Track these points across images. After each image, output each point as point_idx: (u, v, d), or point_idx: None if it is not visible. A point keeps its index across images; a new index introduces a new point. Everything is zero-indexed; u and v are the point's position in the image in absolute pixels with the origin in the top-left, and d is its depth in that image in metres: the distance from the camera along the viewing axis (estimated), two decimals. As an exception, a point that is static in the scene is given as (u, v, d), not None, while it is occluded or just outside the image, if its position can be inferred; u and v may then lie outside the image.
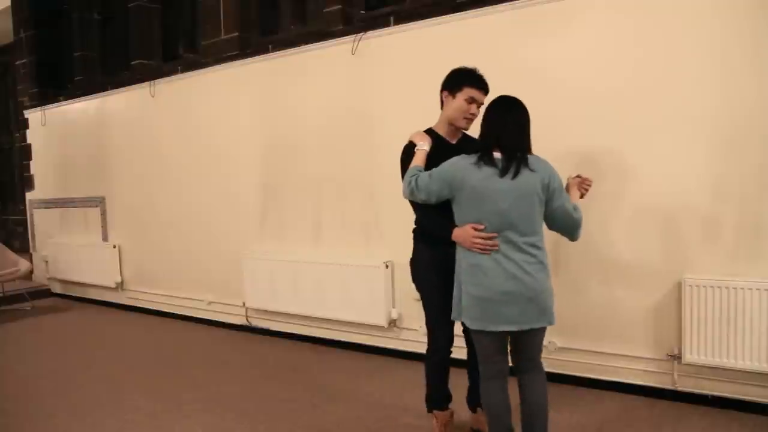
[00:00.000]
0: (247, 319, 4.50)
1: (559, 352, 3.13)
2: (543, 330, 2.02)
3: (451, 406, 2.52)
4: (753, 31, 2.58)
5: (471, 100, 2.22)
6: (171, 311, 5.11)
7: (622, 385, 2.97)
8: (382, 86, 3.69)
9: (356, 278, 3.72)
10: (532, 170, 1.91)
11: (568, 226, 2.01)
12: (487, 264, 1.93)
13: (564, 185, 2.11)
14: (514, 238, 1.91)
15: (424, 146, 2.20)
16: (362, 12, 4.18)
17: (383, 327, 3.68)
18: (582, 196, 2.19)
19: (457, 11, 3.36)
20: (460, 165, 1.98)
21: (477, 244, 1.94)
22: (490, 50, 3.24)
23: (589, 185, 2.21)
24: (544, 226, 2.03)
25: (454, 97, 2.25)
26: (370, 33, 3.72)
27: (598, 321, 3.02)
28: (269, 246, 4.33)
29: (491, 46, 3.24)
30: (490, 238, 1.92)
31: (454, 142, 2.34)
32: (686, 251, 2.77)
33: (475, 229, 1.94)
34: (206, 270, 4.78)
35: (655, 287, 2.86)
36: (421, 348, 2.52)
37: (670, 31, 2.75)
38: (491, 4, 3.24)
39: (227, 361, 3.83)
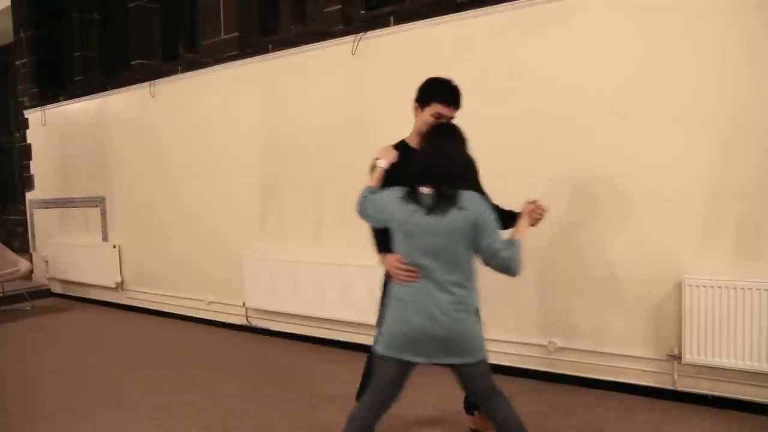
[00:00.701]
0: (247, 319, 4.50)
1: (559, 352, 3.13)
2: (476, 363, 1.91)
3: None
4: (753, 31, 2.58)
5: (438, 116, 2.15)
6: (171, 311, 5.11)
7: (622, 385, 2.97)
8: (382, 86, 3.68)
9: (356, 278, 3.72)
10: (460, 208, 1.81)
11: (498, 266, 1.87)
12: (408, 299, 1.89)
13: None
14: (436, 277, 1.85)
15: (381, 163, 2.12)
16: (362, 12, 4.18)
17: (383, 327, 3.67)
18: (533, 225, 2.04)
19: (457, 11, 3.36)
20: (391, 198, 1.93)
21: (398, 274, 1.91)
22: (490, 50, 3.25)
23: (541, 214, 2.03)
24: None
25: (422, 110, 2.19)
26: (370, 33, 3.72)
27: (598, 321, 3.02)
28: (269, 246, 4.33)
29: (491, 46, 3.24)
30: (411, 270, 1.87)
31: None
32: (686, 251, 2.77)
33: (400, 260, 1.91)
34: (206, 270, 4.78)
35: (655, 287, 2.86)
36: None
37: (671, 31, 2.75)
38: (491, 4, 3.24)
39: (227, 361, 3.83)
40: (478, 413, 2.53)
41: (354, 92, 3.82)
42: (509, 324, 3.28)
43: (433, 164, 1.88)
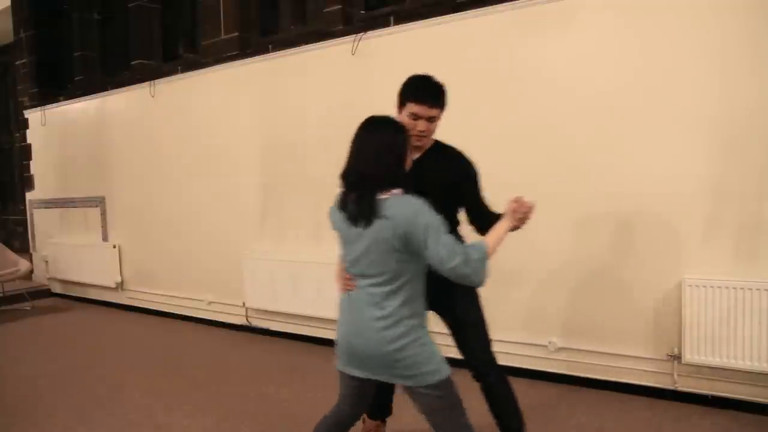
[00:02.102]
0: (247, 319, 4.50)
1: (558, 352, 3.13)
2: (422, 390, 1.66)
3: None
4: (753, 32, 2.58)
5: (414, 117, 1.94)
6: (171, 311, 5.11)
7: (622, 385, 2.97)
8: (382, 86, 3.66)
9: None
10: (384, 217, 1.58)
11: (452, 276, 1.56)
12: (344, 307, 1.77)
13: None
14: (367, 288, 1.67)
15: None
16: (362, 12, 4.18)
17: (383, 327, 3.67)
18: (517, 226, 1.77)
19: (457, 11, 3.36)
20: (334, 205, 1.79)
21: (338, 282, 1.81)
22: (490, 50, 3.25)
23: (525, 213, 1.74)
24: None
25: (401, 113, 2.00)
26: (370, 33, 3.72)
27: (598, 321, 3.02)
28: (269, 246, 4.33)
29: (491, 46, 3.24)
30: (348, 279, 1.75)
31: (414, 157, 2.02)
32: (686, 251, 2.77)
33: (342, 269, 1.80)
34: (206, 270, 4.78)
35: (655, 287, 2.86)
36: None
37: (671, 31, 2.75)
38: (491, 4, 3.24)
39: (227, 361, 3.83)
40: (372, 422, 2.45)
41: (354, 92, 3.82)
42: (509, 324, 3.28)
43: (351, 166, 1.68)
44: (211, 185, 4.71)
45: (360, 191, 1.63)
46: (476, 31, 3.29)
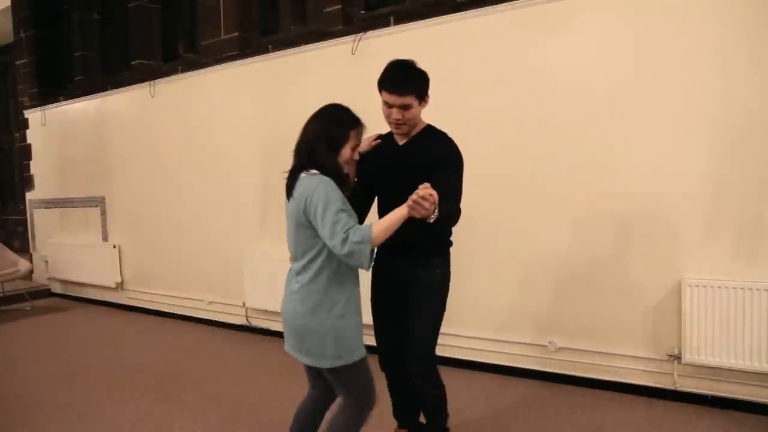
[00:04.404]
0: (247, 319, 4.50)
1: (558, 352, 3.13)
2: (331, 370, 1.78)
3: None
4: (754, 31, 2.58)
5: (387, 105, 1.95)
6: (171, 311, 5.11)
7: (622, 385, 2.97)
8: (382, 86, 3.68)
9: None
10: (293, 195, 1.74)
11: (340, 257, 1.66)
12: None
13: None
14: (294, 263, 1.84)
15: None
16: (362, 12, 4.18)
17: (383, 327, 3.67)
18: (412, 214, 1.62)
19: (457, 11, 3.36)
20: None
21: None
22: (490, 50, 3.25)
23: (416, 201, 1.56)
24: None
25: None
26: (370, 33, 3.72)
27: (597, 321, 3.02)
28: (269, 246, 4.33)
29: (491, 46, 3.24)
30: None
31: (401, 143, 2.10)
32: (686, 251, 2.77)
33: None
34: (206, 270, 4.78)
35: (655, 287, 2.86)
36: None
37: (671, 31, 2.75)
38: (491, 4, 3.24)
39: (227, 361, 3.83)
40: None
41: (354, 92, 3.78)
42: (509, 324, 3.28)
43: (295, 147, 1.83)
44: (211, 185, 4.71)
45: (291, 171, 1.79)
46: (476, 31, 3.29)
